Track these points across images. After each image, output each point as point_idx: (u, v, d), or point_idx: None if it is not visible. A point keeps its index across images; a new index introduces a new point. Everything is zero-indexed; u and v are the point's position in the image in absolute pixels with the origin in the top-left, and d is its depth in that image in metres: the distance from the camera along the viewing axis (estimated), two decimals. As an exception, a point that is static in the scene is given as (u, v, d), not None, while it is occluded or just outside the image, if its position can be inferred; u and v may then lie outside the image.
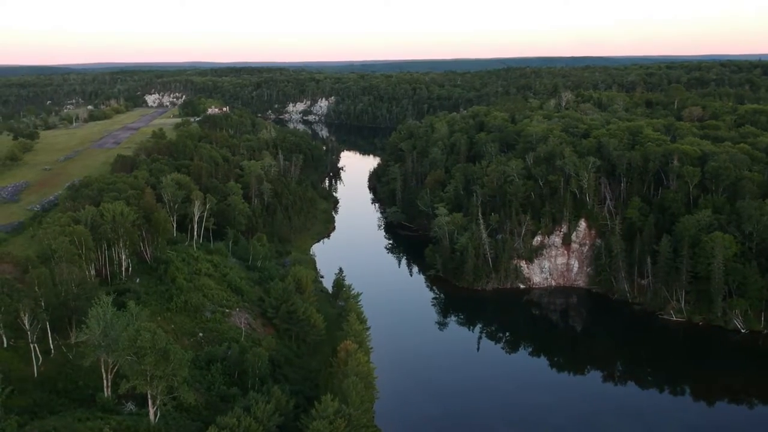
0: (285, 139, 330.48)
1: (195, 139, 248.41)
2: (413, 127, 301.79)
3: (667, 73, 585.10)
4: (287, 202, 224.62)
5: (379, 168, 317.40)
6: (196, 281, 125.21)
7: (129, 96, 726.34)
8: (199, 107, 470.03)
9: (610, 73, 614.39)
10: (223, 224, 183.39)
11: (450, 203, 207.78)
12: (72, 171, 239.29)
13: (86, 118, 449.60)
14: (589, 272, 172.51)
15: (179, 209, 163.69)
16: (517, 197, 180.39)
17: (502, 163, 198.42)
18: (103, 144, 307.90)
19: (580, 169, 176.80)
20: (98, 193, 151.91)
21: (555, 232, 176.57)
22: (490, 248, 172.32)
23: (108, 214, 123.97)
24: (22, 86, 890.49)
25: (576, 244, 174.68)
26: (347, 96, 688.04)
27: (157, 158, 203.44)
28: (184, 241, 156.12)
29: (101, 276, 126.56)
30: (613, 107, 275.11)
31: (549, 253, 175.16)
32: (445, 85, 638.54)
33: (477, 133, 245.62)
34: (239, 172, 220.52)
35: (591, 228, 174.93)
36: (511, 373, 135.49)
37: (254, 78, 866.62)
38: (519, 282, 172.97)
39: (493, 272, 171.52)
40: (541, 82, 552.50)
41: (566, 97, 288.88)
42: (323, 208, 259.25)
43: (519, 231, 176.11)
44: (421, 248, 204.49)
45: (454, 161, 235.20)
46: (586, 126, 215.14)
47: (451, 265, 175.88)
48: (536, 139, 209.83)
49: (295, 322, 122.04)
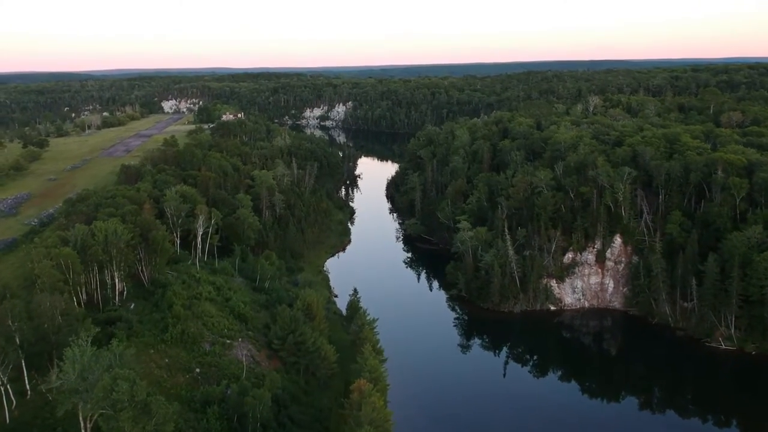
0: (300, 146, 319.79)
1: (205, 148, 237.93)
2: (433, 134, 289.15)
3: (694, 76, 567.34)
4: (300, 214, 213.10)
5: (397, 176, 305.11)
6: (196, 308, 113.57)
7: (145, 102, 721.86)
8: (214, 113, 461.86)
9: (635, 77, 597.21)
10: (231, 239, 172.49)
11: (473, 216, 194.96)
12: (77, 181, 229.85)
13: (99, 125, 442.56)
14: (625, 293, 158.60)
15: (183, 224, 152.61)
16: (546, 210, 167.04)
17: (529, 173, 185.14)
18: (113, 152, 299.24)
19: (614, 181, 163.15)
20: (95, 208, 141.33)
21: (588, 248, 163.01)
22: (517, 266, 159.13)
23: (100, 234, 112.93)
24: (41, 93, 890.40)
25: (611, 262, 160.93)
26: (365, 101, 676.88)
27: (163, 168, 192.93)
28: (187, 260, 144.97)
29: (92, 301, 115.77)
30: (644, 112, 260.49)
31: (581, 272, 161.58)
32: (465, 89, 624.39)
33: (501, 140, 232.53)
34: (250, 182, 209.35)
35: (627, 244, 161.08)
36: (540, 407, 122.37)
37: (271, 83, 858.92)
38: (549, 303, 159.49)
39: (520, 293, 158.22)
40: (563, 86, 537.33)
41: (594, 102, 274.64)
42: (338, 219, 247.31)
43: (548, 247, 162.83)
44: (441, 263, 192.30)
45: (476, 170, 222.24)
46: (618, 133, 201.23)
47: (475, 285, 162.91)
48: (565, 146, 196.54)
49: (304, 355, 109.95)
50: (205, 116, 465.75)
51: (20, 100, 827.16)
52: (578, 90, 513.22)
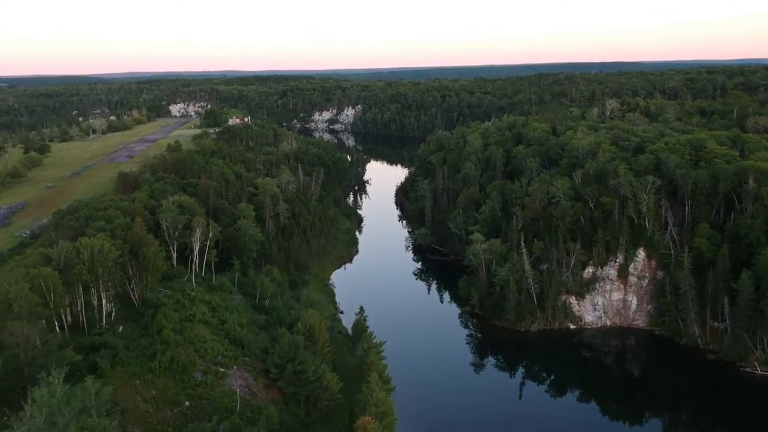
0: (307, 152, 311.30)
1: (207, 154, 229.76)
2: (443, 139, 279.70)
3: (708, 78, 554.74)
4: (305, 224, 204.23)
5: (406, 182, 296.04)
6: (188, 332, 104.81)
7: (153, 106, 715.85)
8: (220, 117, 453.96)
9: (648, 79, 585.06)
10: (231, 251, 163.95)
11: (486, 226, 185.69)
12: (76, 189, 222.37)
13: (105, 130, 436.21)
14: (650, 311, 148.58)
15: (180, 236, 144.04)
16: (565, 222, 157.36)
17: (546, 181, 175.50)
18: (116, 158, 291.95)
19: (637, 191, 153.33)
20: (85, 221, 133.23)
21: (609, 262, 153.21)
22: (534, 282, 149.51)
23: (85, 252, 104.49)
24: (49, 96, 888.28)
25: (634, 277, 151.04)
26: (374, 104, 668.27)
27: (162, 176, 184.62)
28: (183, 275, 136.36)
29: (78, 323, 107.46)
30: (663, 116, 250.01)
31: (602, 288, 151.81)
32: (476, 92, 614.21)
33: (514, 146, 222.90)
34: (253, 190, 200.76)
35: (651, 258, 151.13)
36: (558, 429, 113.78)
37: (280, 86, 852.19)
38: (569, 321, 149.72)
39: (538, 310, 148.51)
40: (577, 88, 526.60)
41: (610, 106, 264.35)
42: (346, 227, 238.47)
43: (567, 261, 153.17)
44: (453, 275, 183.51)
45: (489, 178, 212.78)
46: (639, 139, 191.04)
47: (489, 302, 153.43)
48: (583, 153, 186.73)
49: (304, 384, 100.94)
50: (212, 120, 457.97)
51: (29, 104, 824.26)
52: (591, 92, 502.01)
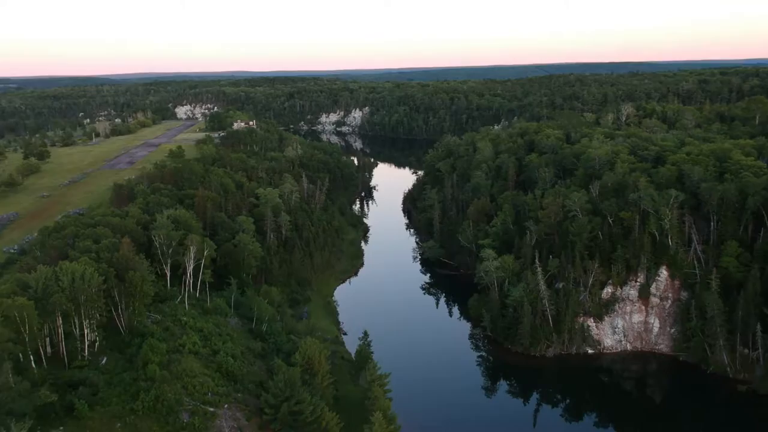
0: (312, 157, 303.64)
1: (208, 162, 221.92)
2: (452, 145, 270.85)
3: (722, 79, 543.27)
4: (309, 236, 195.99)
5: (414, 189, 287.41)
6: (176, 365, 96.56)
7: (158, 108, 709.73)
8: (225, 121, 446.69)
9: (661, 81, 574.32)
10: (229, 267, 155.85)
11: (497, 240, 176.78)
12: (72, 199, 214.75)
13: (108, 133, 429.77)
14: (673, 334, 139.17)
15: (174, 254, 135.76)
16: (582, 238, 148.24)
17: (561, 194, 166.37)
18: (116, 164, 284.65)
19: (659, 205, 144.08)
20: (72, 240, 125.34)
21: (629, 282, 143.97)
22: (549, 303, 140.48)
23: (65, 278, 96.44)
24: (56, 98, 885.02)
25: (656, 298, 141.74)
26: (382, 106, 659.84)
27: (158, 188, 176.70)
28: (176, 297, 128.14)
29: (59, 354, 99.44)
30: (681, 123, 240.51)
31: (622, 309, 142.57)
32: (485, 94, 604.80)
33: (527, 154, 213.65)
34: (254, 201, 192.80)
35: (674, 278, 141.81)
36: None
37: (287, 88, 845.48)
38: (586, 346, 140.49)
39: (554, 334, 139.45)
40: (588, 91, 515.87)
41: (626, 111, 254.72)
42: (351, 238, 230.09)
43: (585, 280, 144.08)
44: (462, 291, 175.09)
45: (500, 188, 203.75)
46: (658, 148, 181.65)
47: (501, 324, 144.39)
48: (600, 163, 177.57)
49: (301, 426, 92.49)
50: (217, 124, 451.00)
51: (35, 106, 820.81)
52: (604, 95, 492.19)
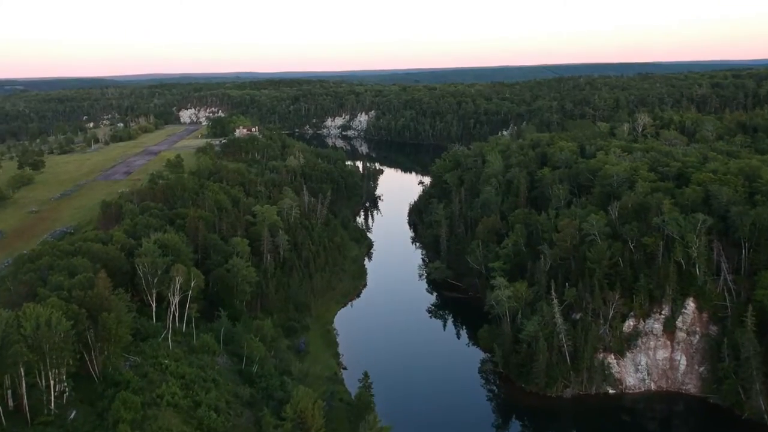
0: (315, 167, 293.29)
1: (204, 176, 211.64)
2: (460, 156, 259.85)
3: (736, 82, 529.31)
4: (308, 255, 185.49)
5: (420, 201, 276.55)
6: (151, 423, 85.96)
7: (162, 112, 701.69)
8: (228, 126, 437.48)
9: (673, 84, 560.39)
10: (221, 294, 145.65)
11: (508, 262, 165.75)
12: (61, 215, 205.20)
13: (108, 140, 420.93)
14: (702, 373, 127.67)
15: (159, 283, 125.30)
16: (601, 265, 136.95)
17: (577, 215, 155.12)
18: (111, 175, 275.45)
19: (685, 231, 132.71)
20: (47, 271, 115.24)
21: (653, 314, 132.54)
22: (567, 338, 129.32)
23: (28, 325, 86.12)
24: (60, 101, 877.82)
25: (682, 333, 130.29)
26: (388, 110, 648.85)
27: (148, 206, 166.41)
28: (160, 333, 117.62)
29: (21, 409, 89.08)
30: (701, 134, 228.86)
31: (646, 344, 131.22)
32: (493, 98, 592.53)
33: (539, 168, 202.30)
34: (251, 219, 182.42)
35: (702, 311, 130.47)
36: None
37: (293, 91, 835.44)
38: (607, 385, 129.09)
39: (571, 372, 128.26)
40: (600, 95, 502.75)
41: (642, 121, 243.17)
42: (354, 255, 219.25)
43: (605, 312, 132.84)
44: (471, 316, 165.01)
45: (511, 205, 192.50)
46: (679, 164, 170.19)
47: (514, 360, 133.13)
48: (618, 181, 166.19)
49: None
50: (219, 129, 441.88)
51: (39, 109, 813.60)
52: (615, 101, 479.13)
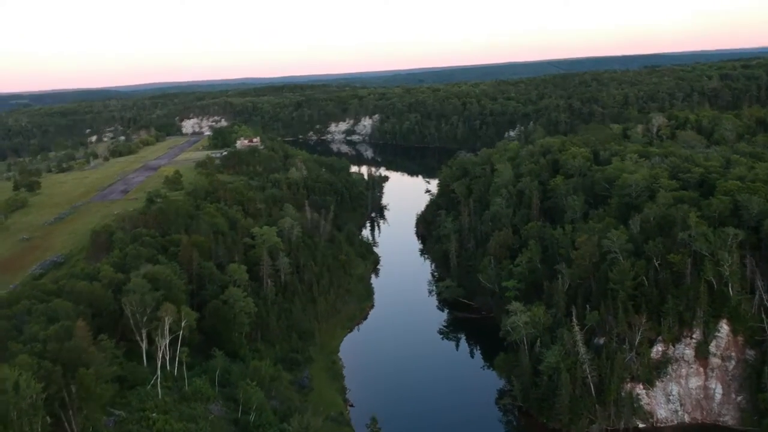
0: (318, 178, 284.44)
1: (200, 196, 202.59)
2: (468, 164, 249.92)
3: (745, 73, 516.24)
4: (311, 277, 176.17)
5: (427, 212, 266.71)
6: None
7: (164, 123, 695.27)
8: (230, 137, 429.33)
9: (681, 77, 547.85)
10: (218, 327, 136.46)
11: (523, 281, 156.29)
12: (53, 241, 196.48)
13: (107, 156, 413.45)
14: (740, 403, 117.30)
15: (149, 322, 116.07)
16: (624, 286, 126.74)
17: (596, 231, 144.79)
18: (108, 195, 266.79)
19: (715, 247, 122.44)
20: (24, 315, 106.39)
21: (683, 339, 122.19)
22: (591, 367, 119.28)
23: (-7, 389, 77.25)
24: (63, 114, 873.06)
25: (716, 359, 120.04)
26: (392, 113, 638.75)
27: (139, 234, 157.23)
28: (148, 380, 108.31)
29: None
30: (720, 134, 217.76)
31: (677, 372, 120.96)
32: (498, 98, 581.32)
33: (551, 176, 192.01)
34: (250, 241, 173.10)
35: (737, 334, 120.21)
36: None
37: (295, 96, 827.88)
38: (637, 419, 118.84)
39: (597, 405, 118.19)
40: (608, 92, 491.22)
41: (657, 123, 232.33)
42: (360, 273, 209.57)
43: (631, 337, 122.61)
44: (485, 338, 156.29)
45: (524, 217, 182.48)
46: (702, 169, 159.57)
47: (534, 394, 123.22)
48: (637, 190, 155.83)
49: None
50: (220, 140, 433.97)
51: (42, 123, 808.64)
52: (624, 97, 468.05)
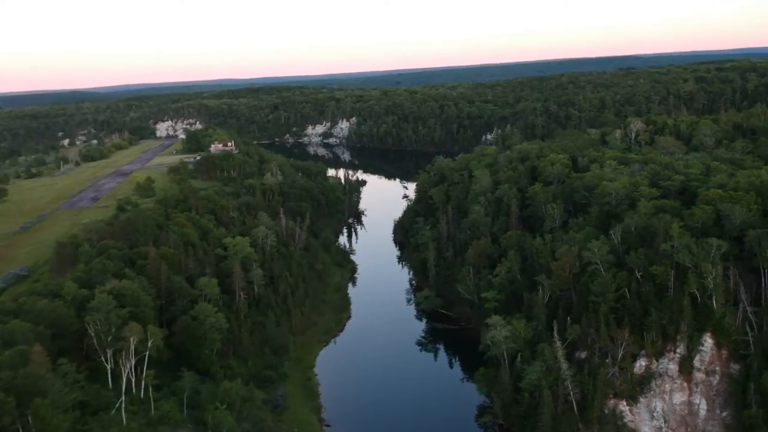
0: (294, 184, 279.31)
1: (171, 205, 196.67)
2: (445, 169, 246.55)
3: (720, 75, 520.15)
4: (286, 289, 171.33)
5: (404, 219, 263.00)
6: None
7: (138, 126, 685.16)
8: (204, 141, 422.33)
9: (657, 80, 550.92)
10: (187, 345, 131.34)
11: (503, 291, 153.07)
12: (18, 253, 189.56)
13: (79, 161, 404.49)
14: (725, 419, 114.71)
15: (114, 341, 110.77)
16: (606, 299, 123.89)
17: (577, 242, 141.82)
18: (77, 202, 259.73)
19: (698, 259, 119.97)
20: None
21: (666, 353, 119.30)
22: (573, 384, 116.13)
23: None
24: (34, 117, 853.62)
25: (700, 373, 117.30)
26: (369, 116, 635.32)
27: (106, 247, 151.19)
28: (112, 404, 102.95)
29: None
30: (699, 138, 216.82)
31: (660, 387, 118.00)
32: (475, 101, 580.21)
33: (530, 183, 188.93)
34: (222, 252, 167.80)
35: (721, 347, 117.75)
36: None
37: (272, 98, 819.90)
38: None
39: (580, 423, 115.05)
40: (584, 96, 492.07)
41: (636, 128, 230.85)
42: (336, 282, 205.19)
43: (613, 351, 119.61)
44: (465, 349, 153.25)
45: (502, 225, 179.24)
46: (682, 177, 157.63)
47: (516, 411, 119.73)
48: (617, 199, 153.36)
49: None
50: (194, 144, 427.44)
51: (12, 127, 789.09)
52: (601, 101, 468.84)
